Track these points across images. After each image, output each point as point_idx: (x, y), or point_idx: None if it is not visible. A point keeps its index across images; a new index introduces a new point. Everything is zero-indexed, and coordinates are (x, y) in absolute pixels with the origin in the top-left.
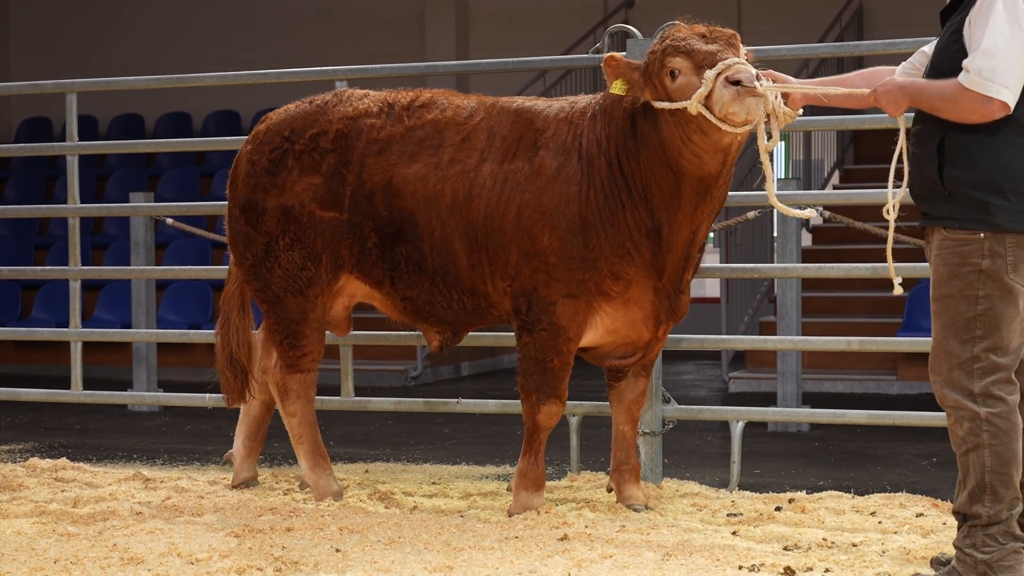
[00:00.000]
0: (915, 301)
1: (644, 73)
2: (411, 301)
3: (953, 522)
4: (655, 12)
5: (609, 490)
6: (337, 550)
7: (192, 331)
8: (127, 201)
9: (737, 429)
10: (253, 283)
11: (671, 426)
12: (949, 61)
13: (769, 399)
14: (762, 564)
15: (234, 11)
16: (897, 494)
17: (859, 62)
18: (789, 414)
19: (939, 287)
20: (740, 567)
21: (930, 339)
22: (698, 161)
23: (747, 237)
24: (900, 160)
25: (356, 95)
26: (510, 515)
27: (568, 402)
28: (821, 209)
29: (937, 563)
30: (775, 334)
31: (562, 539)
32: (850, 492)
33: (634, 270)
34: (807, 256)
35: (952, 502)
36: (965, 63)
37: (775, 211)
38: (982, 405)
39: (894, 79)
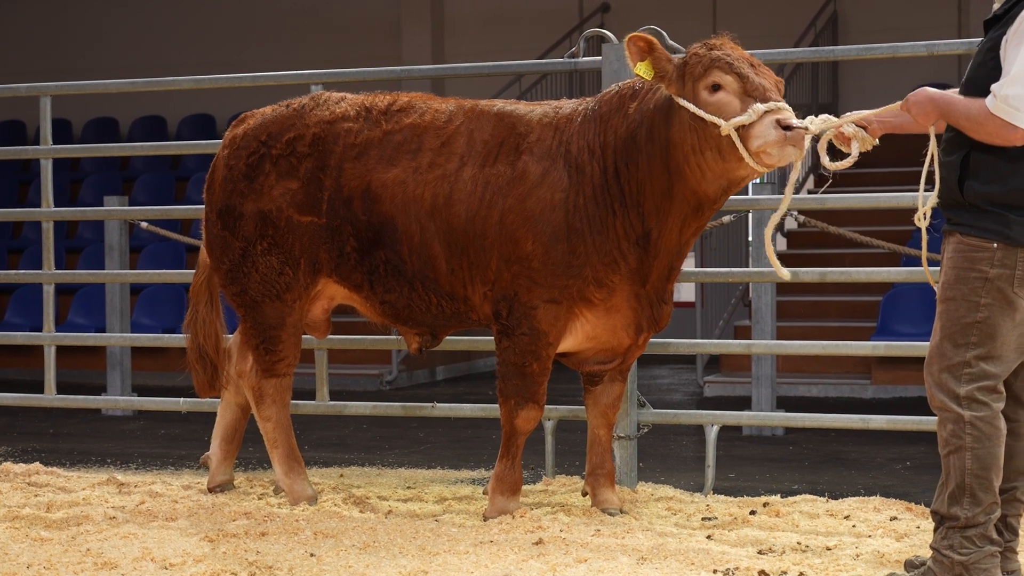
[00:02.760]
0: (889, 306)
1: (679, 69)
2: (390, 305)
3: (926, 526)
4: (631, 17)
5: (584, 494)
6: (311, 554)
7: (166, 335)
8: (101, 205)
9: (712, 433)
10: (230, 287)
11: (646, 430)
12: (984, 78)
13: (744, 403)
14: (736, 568)
15: (210, 15)
16: (871, 498)
17: (834, 67)
18: (764, 418)
19: (945, 289)
20: (715, 571)
21: (903, 343)
22: (699, 174)
23: (722, 241)
24: (925, 167)
25: (333, 99)
26: (486, 519)
27: None
28: (796, 213)
29: (910, 565)
30: (750, 338)
31: (537, 543)
32: (824, 496)
33: (619, 278)
34: (782, 260)
35: (929, 504)
36: (994, 87)
37: (750, 215)
38: (966, 408)
39: (926, 89)
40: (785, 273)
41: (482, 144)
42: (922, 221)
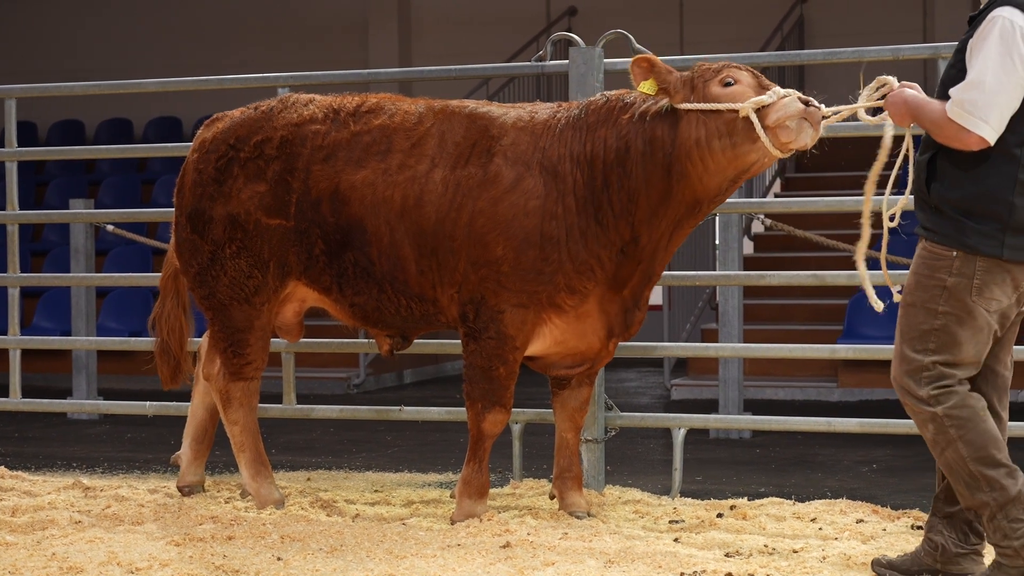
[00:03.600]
0: (855, 309)
1: (686, 79)
2: (359, 307)
3: (892, 528)
4: (598, 20)
5: (552, 497)
6: (278, 558)
7: (133, 339)
8: (67, 208)
9: (679, 436)
10: (198, 290)
11: (613, 433)
12: (952, 80)
13: (711, 406)
14: (703, 571)
15: (176, 17)
16: (837, 500)
17: (800, 71)
18: (731, 421)
19: (906, 294)
20: (682, 573)
21: (869, 346)
22: (701, 168)
23: (689, 244)
24: (896, 169)
25: (301, 101)
26: (453, 522)
27: None
28: (763, 216)
29: (878, 564)
30: (717, 341)
31: (504, 546)
32: (791, 498)
33: (593, 284)
34: (749, 264)
35: (896, 507)
36: (952, 91)
37: (716, 218)
38: (935, 405)
39: (904, 91)
40: (878, 304)
41: (453, 146)
42: (887, 222)
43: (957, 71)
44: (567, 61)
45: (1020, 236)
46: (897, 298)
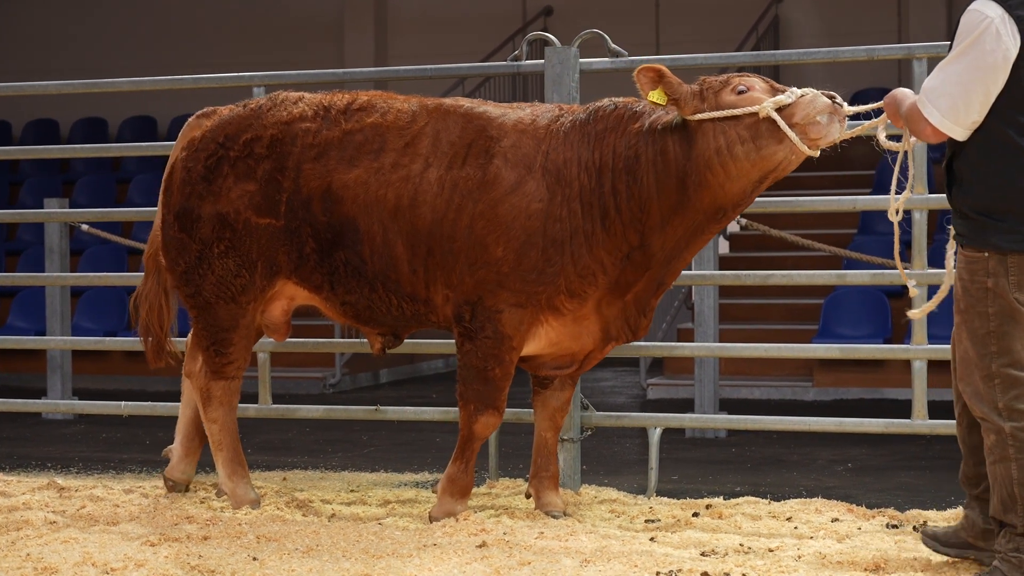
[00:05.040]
0: (830, 309)
1: (696, 92)
2: (351, 306)
3: (868, 527)
4: (574, 20)
5: (528, 496)
6: (254, 558)
7: (107, 338)
8: (41, 207)
9: (655, 435)
10: (184, 289)
11: (589, 433)
12: None
13: (687, 405)
14: (679, 570)
15: (152, 16)
16: (812, 499)
17: (775, 71)
18: (706, 420)
19: (957, 301)
20: (658, 573)
21: (845, 346)
22: (722, 176)
23: None
24: (902, 167)
25: (291, 99)
26: (432, 519)
27: None
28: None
29: (924, 535)
30: (693, 341)
31: (481, 546)
32: (766, 498)
33: (594, 289)
34: (724, 263)
35: (870, 506)
36: (924, 82)
37: None
38: (1007, 420)
39: (898, 89)
40: (913, 290)
41: (448, 145)
42: (896, 215)
43: None
44: (543, 61)
45: None
46: (914, 291)
